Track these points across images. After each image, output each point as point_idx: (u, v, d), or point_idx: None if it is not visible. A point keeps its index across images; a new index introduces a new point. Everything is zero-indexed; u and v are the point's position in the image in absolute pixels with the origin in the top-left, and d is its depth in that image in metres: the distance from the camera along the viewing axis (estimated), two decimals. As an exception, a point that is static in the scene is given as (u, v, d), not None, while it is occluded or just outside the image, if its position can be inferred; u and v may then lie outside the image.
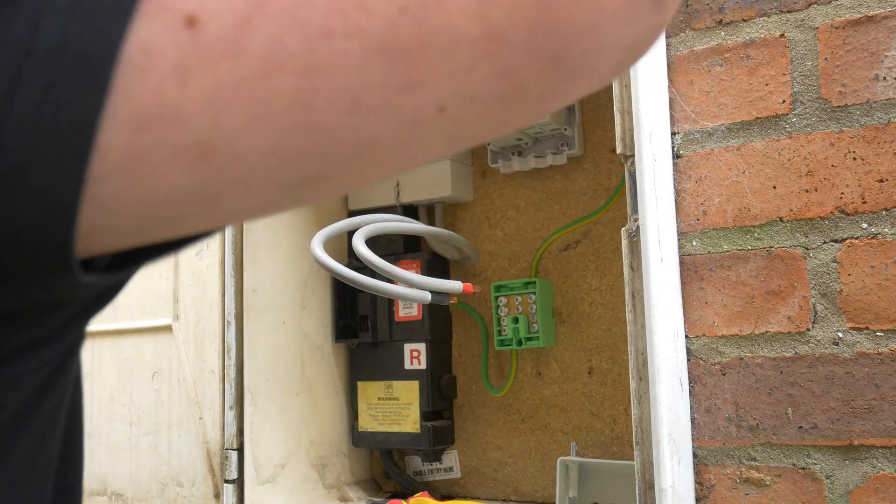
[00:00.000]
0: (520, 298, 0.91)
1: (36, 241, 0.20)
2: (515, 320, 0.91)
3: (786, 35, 0.62)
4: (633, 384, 0.60)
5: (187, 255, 0.97)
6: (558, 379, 0.94)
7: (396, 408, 0.97)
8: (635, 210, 0.61)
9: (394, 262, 0.93)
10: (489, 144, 0.95)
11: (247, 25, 0.19)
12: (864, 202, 0.58)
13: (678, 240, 0.64)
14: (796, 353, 0.60)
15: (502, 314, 0.92)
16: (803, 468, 0.59)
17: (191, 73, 0.19)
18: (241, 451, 0.90)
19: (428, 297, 0.82)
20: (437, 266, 0.99)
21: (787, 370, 0.60)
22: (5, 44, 0.19)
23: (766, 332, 0.61)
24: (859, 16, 0.60)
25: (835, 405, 0.58)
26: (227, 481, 0.89)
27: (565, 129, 0.90)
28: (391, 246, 0.99)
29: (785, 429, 0.60)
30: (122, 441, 1.01)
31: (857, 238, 0.59)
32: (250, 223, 0.94)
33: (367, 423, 1.00)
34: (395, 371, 0.97)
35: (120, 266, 0.23)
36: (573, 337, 0.93)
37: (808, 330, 0.60)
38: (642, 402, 0.60)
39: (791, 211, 0.61)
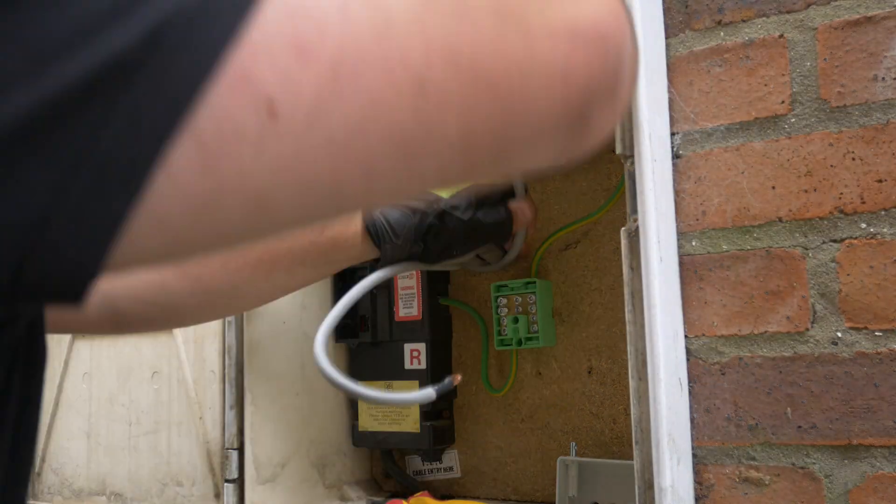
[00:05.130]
0: (520, 298, 0.91)
1: (56, 291, 0.22)
2: (515, 320, 0.91)
3: (785, 36, 0.62)
4: (632, 384, 0.61)
5: (187, 256, 0.97)
6: (558, 379, 0.94)
7: (396, 407, 0.98)
8: (635, 210, 0.61)
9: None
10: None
11: (315, 121, 0.24)
12: (864, 202, 0.59)
13: (678, 240, 0.64)
14: (795, 352, 0.60)
15: (502, 314, 0.92)
16: (802, 468, 0.59)
17: (263, 150, 0.24)
18: (241, 450, 0.90)
19: (432, 394, 0.78)
20: (438, 277, 0.99)
21: (786, 370, 0.60)
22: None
23: (766, 331, 0.61)
24: (858, 16, 0.60)
25: (834, 405, 0.58)
26: (227, 481, 0.89)
27: (565, 130, 0.90)
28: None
29: (784, 428, 0.60)
30: (121, 441, 1.01)
31: (856, 238, 0.59)
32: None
33: (367, 423, 1.00)
34: (395, 371, 0.98)
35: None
36: (573, 337, 0.93)
37: (808, 330, 0.60)
38: (642, 401, 0.60)
39: (790, 211, 0.61)
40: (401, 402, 0.84)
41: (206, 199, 0.24)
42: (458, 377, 0.86)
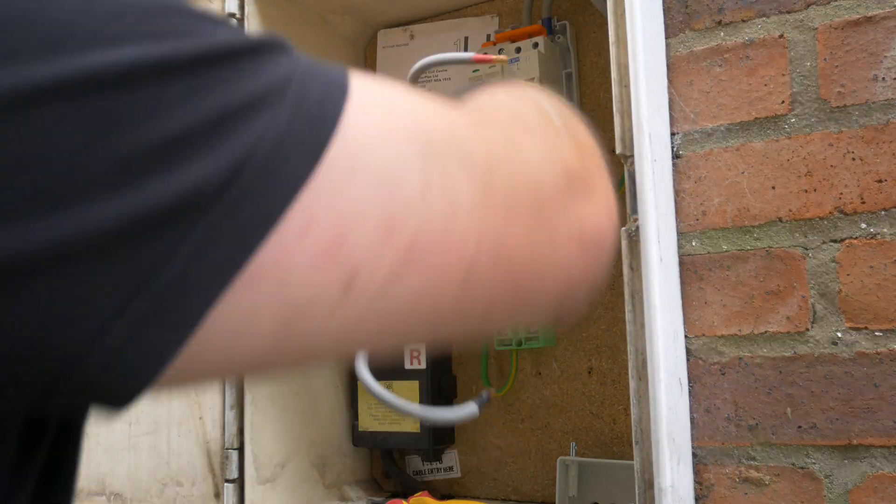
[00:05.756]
0: (519, 298, 0.91)
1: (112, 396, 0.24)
2: (515, 320, 0.91)
3: (785, 35, 0.62)
4: (632, 384, 0.61)
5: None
6: (558, 379, 0.94)
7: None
8: (635, 210, 0.61)
9: None
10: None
11: (380, 295, 0.27)
12: (863, 202, 0.59)
13: (678, 240, 0.64)
14: (795, 352, 0.60)
15: (502, 314, 0.92)
16: (802, 468, 0.59)
17: (334, 314, 0.26)
18: (241, 450, 0.90)
19: (475, 411, 0.78)
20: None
21: (786, 370, 0.60)
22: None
23: (766, 331, 0.61)
24: (858, 16, 0.60)
25: (834, 405, 0.58)
26: (227, 481, 0.89)
27: (565, 130, 0.90)
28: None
29: (784, 428, 0.60)
30: (120, 441, 1.01)
31: (856, 238, 0.59)
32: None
33: (367, 423, 1.00)
34: (395, 371, 0.98)
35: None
36: (573, 337, 0.93)
37: (808, 330, 0.60)
38: (642, 401, 0.60)
39: (790, 211, 0.61)
40: (445, 420, 0.84)
41: (268, 347, 0.25)
42: (493, 390, 0.86)
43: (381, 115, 0.27)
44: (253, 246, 0.23)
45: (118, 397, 0.23)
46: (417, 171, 0.27)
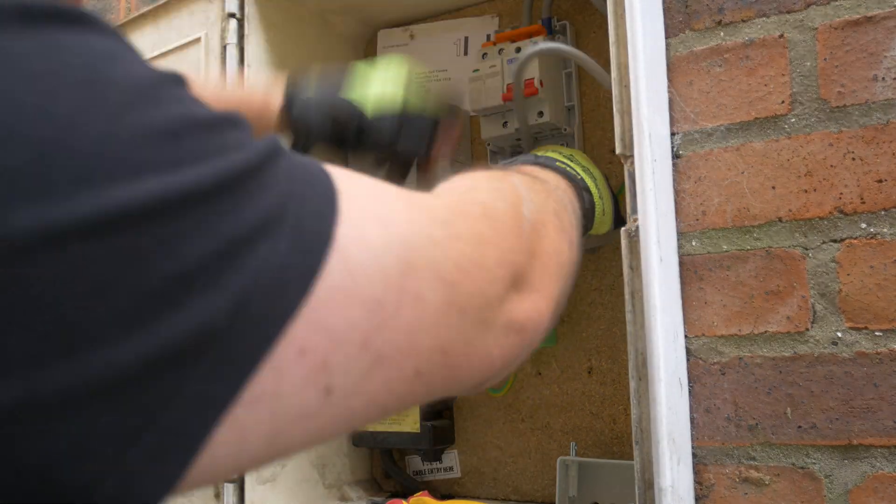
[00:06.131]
0: (519, 298, 0.91)
1: None
2: (515, 320, 0.91)
3: (785, 36, 0.62)
4: (632, 384, 0.61)
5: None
6: (558, 379, 0.94)
7: (396, 407, 0.98)
8: (635, 210, 0.61)
9: None
10: (489, 144, 0.95)
11: (348, 398, 0.29)
12: (863, 202, 0.59)
13: (678, 240, 0.64)
14: (795, 352, 0.60)
15: (502, 314, 0.92)
16: (802, 468, 0.59)
17: (312, 423, 0.29)
18: (241, 450, 0.90)
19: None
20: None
21: (786, 370, 0.60)
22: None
23: (766, 331, 0.61)
24: (858, 16, 0.60)
25: (834, 405, 0.58)
26: (227, 481, 0.89)
27: (565, 129, 0.90)
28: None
29: (784, 428, 0.60)
30: (122, 441, 1.01)
31: (856, 238, 0.59)
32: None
33: (367, 423, 1.00)
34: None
35: None
36: (573, 337, 0.93)
37: (808, 330, 0.60)
38: (642, 401, 0.60)
39: (790, 211, 0.61)
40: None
41: (256, 458, 0.27)
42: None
43: (374, 232, 0.30)
44: (249, 374, 0.24)
45: None
46: (396, 288, 0.30)
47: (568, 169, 0.70)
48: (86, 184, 0.21)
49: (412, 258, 0.31)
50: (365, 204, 0.30)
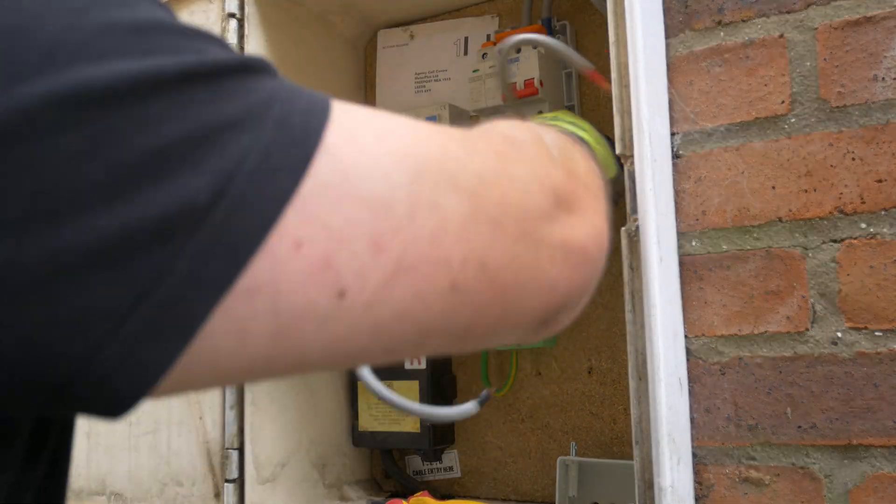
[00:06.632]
0: (519, 298, 0.91)
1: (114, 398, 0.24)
2: (515, 320, 0.91)
3: (785, 36, 0.62)
4: (632, 384, 0.61)
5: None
6: (558, 379, 0.94)
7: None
8: (635, 210, 0.61)
9: None
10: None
11: (369, 307, 0.28)
12: (863, 202, 0.59)
13: (678, 240, 0.64)
14: (795, 352, 0.60)
15: (502, 314, 0.92)
16: (802, 468, 0.59)
17: (325, 328, 0.27)
18: (241, 450, 0.90)
19: (475, 408, 0.79)
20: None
21: (786, 370, 0.60)
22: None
23: (766, 331, 0.61)
24: (858, 16, 0.60)
25: (834, 405, 0.58)
26: (227, 481, 0.89)
27: (565, 130, 0.90)
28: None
29: (784, 428, 0.60)
30: (121, 441, 1.01)
31: (856, 238, 0.59)
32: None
33: (367, 423, 1.00)
34: (395, 371, 0.98)
35: None
36: (573, 337, 0.93)
37: (807, 330, 0.60)
38: (642, 401, 0.60)
39: (790, 211, 0.61)
40: (445, 417, 0.84)
41: (262, 359, 0.26)
42: (494, 389, 0.86)
43: (371, 139, 0.28)
44: (244, 261, 0.24)
45: (117, 405, 0.24)
46: (406, 193, 0.28)
47: (557, 123, 0.69)
48: (48, 64, 0.22)
49: (420, 166, 0.30)
50: (362, 116, 0.30)
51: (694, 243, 0.64)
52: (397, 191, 0.28)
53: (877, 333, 0.57)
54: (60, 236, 0.21)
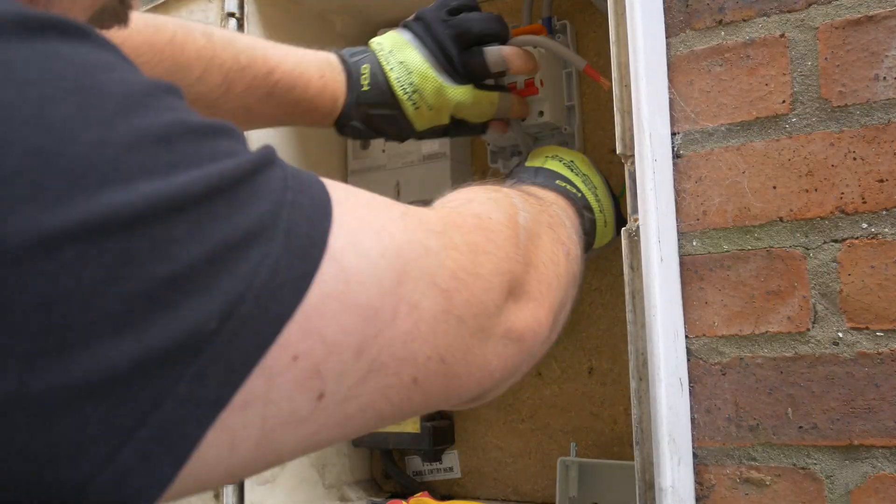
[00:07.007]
0: (520, 298, 0.91)
1: None
2: (515, 320, 0.90)
3: (786, 35, 0.62)
4: (633, 384, 0.60)
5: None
6: (558, 379, 0.94)
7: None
8: (635, 210, 0.61)
9: None
10: (489, 144, 0.95)
11: (341, 405, 0.29)
12: (865, 202, 0.58)
13: (678, 240, 0.64)
14: (796, 353, 0.60)
15: (502, 314, 0.92)
16: (803, 468, 0.59)
17: (303, 427, 0.28)
18: (240, 451, 0.90)
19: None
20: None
21: (786, 370, 0.60)
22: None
23: (766, 332, 0.61)
24: (859, 16, 0.60)
25: (835, 405, 0.58)
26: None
27: (565, 129, 0.90)
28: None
29: (785, 429, 0.60)
30: (121, 441, 1.01)
31: (857, 238, 0.59)
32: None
33: (366, 423, 1.00)
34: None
35: None
36: (573, 337, 0.93)
37: (808, 330, 0.60)
38: (642, 402, 0.60)
39: (791, 211, 0.61)
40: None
41: (245, 463, 0.27)
42: None
43: (370, 243, 0.30)
44: (242, 379, 0.24)
45: None
46: (391, 296, 0.30)
47: (568, 187, 0.70)
48: (79, 189, 0.22)
49: (407, 267, 0.31)
50: (359, 213, 0.31)
51: (694, 243, 0.64)
52: (386, 296, 0.30)
53: (878, 333, 0.57)
54: (68, 371, 0.21)
